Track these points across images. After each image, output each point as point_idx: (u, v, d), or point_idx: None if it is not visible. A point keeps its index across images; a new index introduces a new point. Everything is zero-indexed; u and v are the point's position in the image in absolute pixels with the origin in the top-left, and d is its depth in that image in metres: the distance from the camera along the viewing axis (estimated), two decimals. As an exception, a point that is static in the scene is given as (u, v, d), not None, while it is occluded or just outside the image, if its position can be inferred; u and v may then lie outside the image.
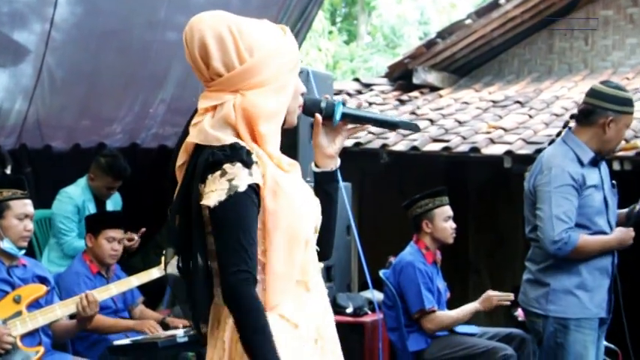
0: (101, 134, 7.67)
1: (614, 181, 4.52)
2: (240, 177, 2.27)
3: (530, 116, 7.95)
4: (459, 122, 8.03)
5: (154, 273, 4.95)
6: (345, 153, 2.68)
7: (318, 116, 2.56)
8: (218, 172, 2.28)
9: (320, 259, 2.59)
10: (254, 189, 2.30)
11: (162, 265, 4.87)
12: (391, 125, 2.67)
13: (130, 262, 6.82)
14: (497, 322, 7.07)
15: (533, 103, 8.40)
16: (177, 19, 6.96)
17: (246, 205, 2.28)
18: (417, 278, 5.56)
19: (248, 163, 2.30)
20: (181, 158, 2.41)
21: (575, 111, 4.60)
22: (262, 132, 2.35)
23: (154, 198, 6.82)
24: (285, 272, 2.32)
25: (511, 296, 5.52)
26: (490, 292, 5.63)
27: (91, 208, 6.41)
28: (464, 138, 7.44)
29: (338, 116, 2.55)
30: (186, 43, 2.41)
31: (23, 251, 4.66)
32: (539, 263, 4.41)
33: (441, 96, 9.29)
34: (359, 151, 7.50)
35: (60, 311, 4.53)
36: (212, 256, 2.37)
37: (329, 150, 2.60)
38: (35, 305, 4.51)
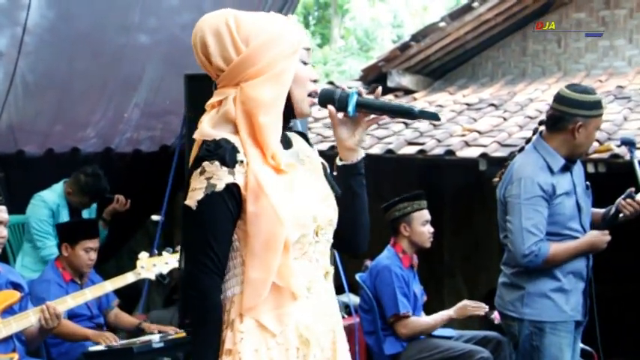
0: (75, 139, 7.63)
1: (588, 183, 4.52)
2: (218, 176, 2.29)
3: (505, 119, 7.97)
4: (434, 125, 8.03)
5: (129, 277, 4.92)
6: (320, 156, 2.65)
7: (331, 108, 2.50)
8: (199, 170, 2.31)
9: (353, 255, 2.65)
10: (233, 189, 2.30)
11: (137, 269, 4.90)
12: (409, 114, 2.49)
13: (104, 267, 6.80)
14: (473, 325, 7.08)
15: (508, 106, 8.43)
16: (150, 23, 6.95)
17: (221, 205, 2.30)
18: (392, 282, 5.56)
19: (229, 163, 2.30)
20: (193, 153, 2.41)
21: (544, 116, 4.60)
22: (261, 123, 2.34)
23: (128, 202, 6.81)
24: (259, 277, 2.31)
25: (485, 307, 5.55)
26: (466, 302, 5.66)
27: (65, 214, 6.38)
28: (439, 141, 7.44)
29: (351, 107, 2.47)
30: (193, 45, 2.43)
31: (-4, 258, 4.61)
32: (515, 267, 4.39)
33: (415, 99, 9.30)
34: (334, 154, 7.47)
35: (34, 318, 4.49)
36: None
37: (349, 142, 2.54)
38: (9, 312, 4.47)
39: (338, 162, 2.58)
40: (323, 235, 2.44)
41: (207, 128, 2.35)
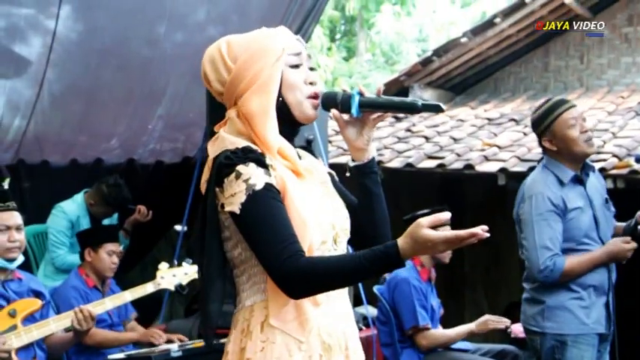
0: (99, 150, 7.71)
1: (607, 197, 4.52)
2: (255, 175, 2.28)
3: (525, 134, 7.98)
4: (454, 139, 8.07)
5: (149, 288, 4.95)
6: (340, 169, 2.68)
7: (335, 111, 2.50)
8: (233, 175, 2.29)
9: None
10: (272, 186, 2.30)
11: (157, 279, 4.95)
12: (412, 108, 2.48)
13: (128, 277, 6.87)
14: (490, 338, 7.09)
15: (528, 121, 8.41)
16: (176, 36, 7.01)
17: (267, 200, 2.27)
18: (411, 295, 5.58)
19: (263, 163, 2.31)
20: (205, 175, 2.41)
21: None
22: (259, 133, 2.36)
23: (150, 213, 6.88)
24: None
25: (507, 321, 5.57)
26: (487, 316, 5.67)
27: (85, 224, 6.44)
28: (458, 155, 7.47)
29: (354, 108, 2.47)
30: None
31: (16, 263, 4.61)
32: (534, 282, 4.41)
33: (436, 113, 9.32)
34: (347, 168, 7.48)
35: (54, 325, 4.52)
36: (233, 262, 2.39)
37: (358, 143, 2.55)
38: (30, 319, 4.50)
39: (350, 163, 2.59)
40: (340, 244, 2.45)
41: (229, 139, 2.36)
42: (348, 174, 2.61)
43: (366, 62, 21.38)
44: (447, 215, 2.23)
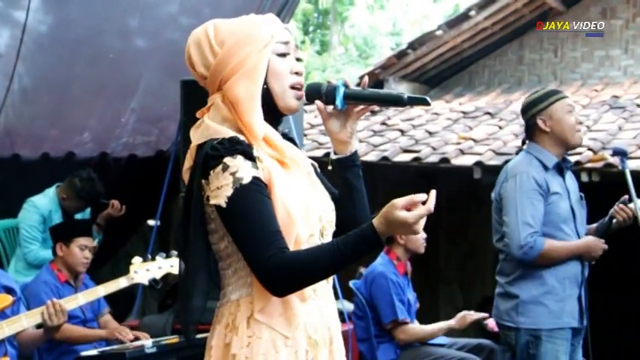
0: (71, 144, 7.61)
1: (582, 194, 4.53)
2: (243, 169, 2.25)
3: (500, 127, 8.00)
4: (430, 133, 8.07)
5: (122, 282, 4.89)
6: (316, 163, 2.64)
7: (319, 103, 2.48)
8: (220, 167, 2.25)
9: None
10: (259, 180, 2.27)
11: (130, 274, 4.89)
12: (399, 101, 2.48)
13: (100, 272, 6.80)
14: (466, 332, 7.08)
15: (503, 114, 8.45)
16: (148, 28, 6.95)
17: (254, 194, 2.24)
18: (389, 289, 5.56)
19: (250, 156, 2.27)
20: (187, 162, 2.38)
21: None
22: (246, 122, 2.32)
23: (123, 207, 6.81)
24: None
25: (486, 315, 5.56)
26: (465, 312, 5.67)
27: (57, 219, 6.36)
28: (434, 149, 7.47)
29: (339, 100, 2.44)
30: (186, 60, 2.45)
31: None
32: (508, 275, 4.41)
33: (411, 106, 9.31)
34: (329, 161, 7.48)
35: (26, 321, 4.46)
36: (219, 255, 2.36)
37: (341, 135, 2.53)
38: (1, 316, 4.45)
39: (332, 156, 2.57)
40: (326, 237, 2.42)
41: (213, 127, 2.33)
42: (330, 167, 2.57)
43: (340, 56, 21.42)
44: (422, 197, 2.24)
